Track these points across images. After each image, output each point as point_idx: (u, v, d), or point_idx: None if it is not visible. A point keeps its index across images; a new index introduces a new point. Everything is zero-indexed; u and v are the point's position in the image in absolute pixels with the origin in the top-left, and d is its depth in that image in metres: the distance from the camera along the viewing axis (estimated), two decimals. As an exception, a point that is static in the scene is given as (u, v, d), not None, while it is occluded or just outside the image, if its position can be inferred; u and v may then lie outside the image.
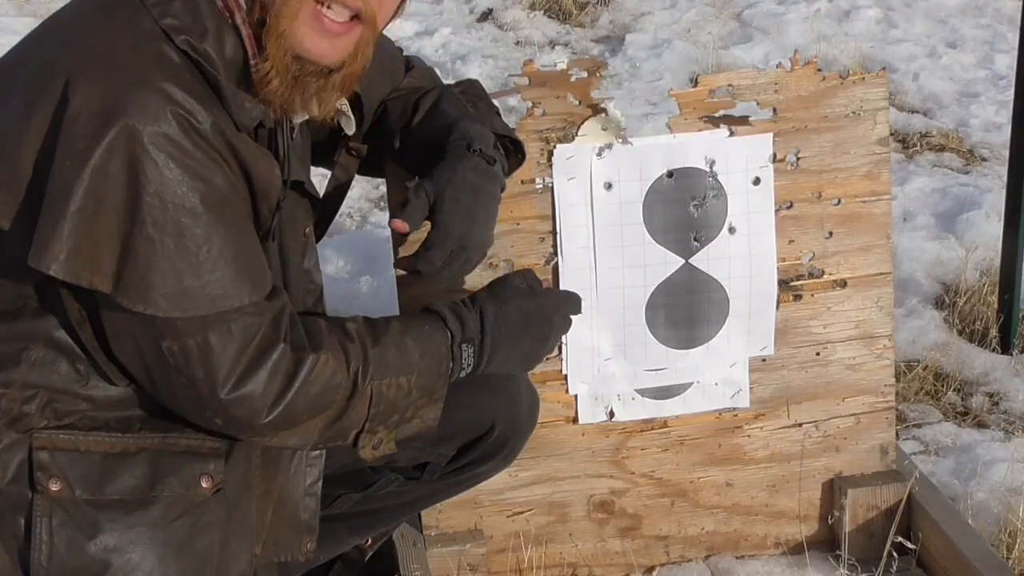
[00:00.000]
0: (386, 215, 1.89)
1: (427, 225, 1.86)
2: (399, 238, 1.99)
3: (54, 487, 1.64)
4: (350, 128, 1.92)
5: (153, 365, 1.63)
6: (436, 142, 1.92)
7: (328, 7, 1.63)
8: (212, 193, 1.57)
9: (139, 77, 1.54)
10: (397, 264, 1.96)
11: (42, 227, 1.53)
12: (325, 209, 1.98)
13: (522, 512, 2.35)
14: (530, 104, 2.16)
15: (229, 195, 1.60)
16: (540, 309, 1.91)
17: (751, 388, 2.34)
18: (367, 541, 2.21)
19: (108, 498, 1.66)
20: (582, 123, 2.17)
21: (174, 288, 1.55)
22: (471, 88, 2.08)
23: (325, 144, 1.98)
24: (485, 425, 2.01)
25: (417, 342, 1.78)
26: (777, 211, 2.26)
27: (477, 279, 2.05)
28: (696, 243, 2.24)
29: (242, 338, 1.61)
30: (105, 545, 1.64)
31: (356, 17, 1.66)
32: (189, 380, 1.62)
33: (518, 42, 5.27)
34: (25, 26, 5.62)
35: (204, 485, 1.71)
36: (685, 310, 2.26)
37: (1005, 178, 3.08)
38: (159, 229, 1.54)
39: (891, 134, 3.58)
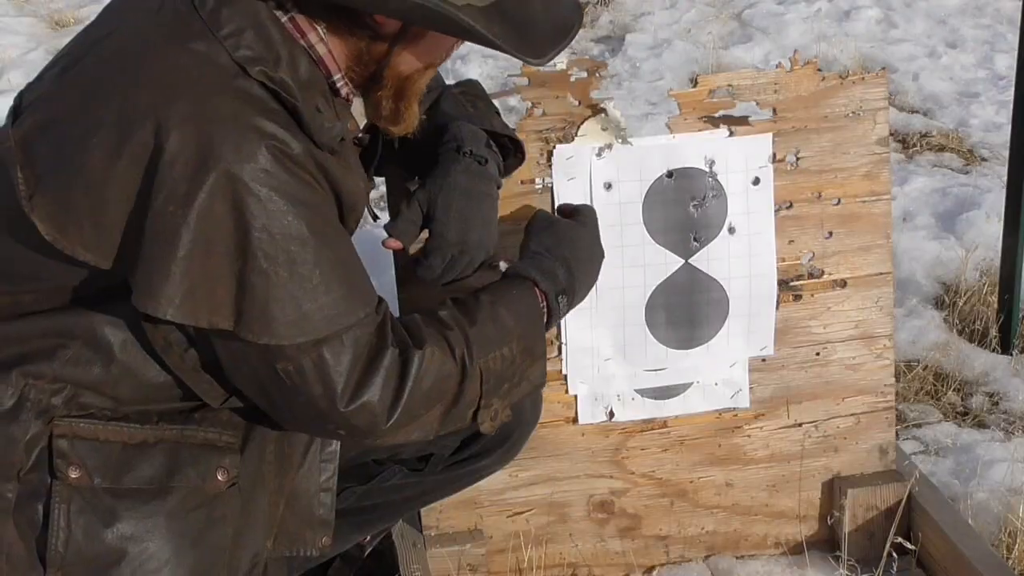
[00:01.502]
0: (386, 215, 1.92)
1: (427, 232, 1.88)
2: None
3: (73, 474, 1.65)
4: None
5: (270, 387, 1.66)
6: (432, 142, 1.94)
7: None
8: (314, 216, 1.60)
9: (229, 115, 1.56)
10: (401, 271, 1.98)
11: (149, 272, 1.56)
12: None
13: (522, 512, 2.35)
14: (530, 104, 2.16)
15: (329, 215, 1.65)
16: (598, 243, 1.99)
17: (751, 388, 2.34)
18: (366, 538, 2.22)
19: (126, 487, 1.68)
20: (582, 123, 2.18)
21: (294, 315, 1.59)
22: (471, 88, 2.09)
23: None
24: None
25: (509, 309, 1.82)
26: (777, 211, 2.26)
27: (478, 278, 2.05)
28: (696, 243, 2.24)
29: (354, 350, 1.64)
30: (122, 533, 1.66)
31: None
32: (308, 397, 1.64)
33: (518, 42, 5.27)
34: (25, 26, 5.62)
35: (220, 478, 1.73)
36: (685, 310, 2.26)
37: (1005, 178, 3.08)
38: (272, 261, 1.57)
39: (891, 134, 3.58)
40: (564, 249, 1.91)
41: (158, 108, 1.55)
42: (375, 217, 1.99)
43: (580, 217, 2.00)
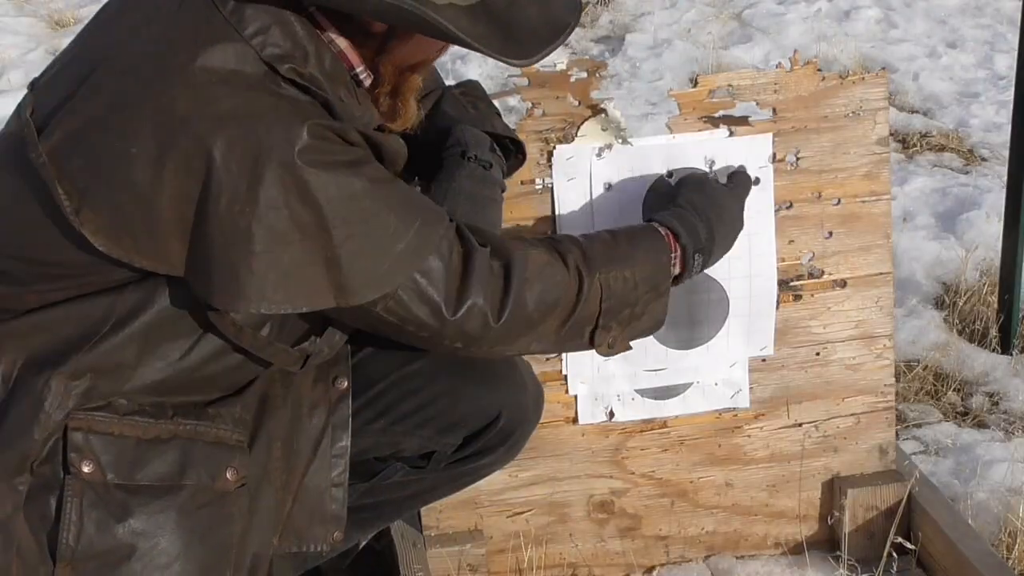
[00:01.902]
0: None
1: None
2: None
3: (86, 469, 1.66)
4: None
5: (379, 327, 1.72)
6: (435, 144, 1.95)
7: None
8: (370, 170, 1.65)
9: (267, 108, 1.58)
10: None
11: (231, 271, 1.58)
12: None
13: (522, 512, 2.35)
14: (530, 105, 2.16)
15: (377, 165, 1.69)
16: (741, 214, 2.04)
17: (751, 388, 2.34)
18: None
19: (138, 483, 1.69)
20: (582, 123, 2.18)
21: (388, 263, 1.64)
22: (472, 89, 2.09)
23: None
24: (491, 414, 2.01)
25: (631, 242, 1.87)
26: (777, 211, 2.26)
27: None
28: (696, 243, 2.23)
29: (441, 261, 1.69)
30: (133, 529, 1.67)
31: None
32: (417, 323, 1.70)
33: (518, 42, 5.26)
34: (25, 27, 5.61)
35: (229, 477, 1.74)
36: (685, 310, 2.26)
37: (1005, 178, 3.08)
38: (351, 225, 1.61)
39: (891, 134, 3.58)
40: (711, 211, 1.95)
41: (196, 113, 1.56)
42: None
43: (732, 185, 2.04)
